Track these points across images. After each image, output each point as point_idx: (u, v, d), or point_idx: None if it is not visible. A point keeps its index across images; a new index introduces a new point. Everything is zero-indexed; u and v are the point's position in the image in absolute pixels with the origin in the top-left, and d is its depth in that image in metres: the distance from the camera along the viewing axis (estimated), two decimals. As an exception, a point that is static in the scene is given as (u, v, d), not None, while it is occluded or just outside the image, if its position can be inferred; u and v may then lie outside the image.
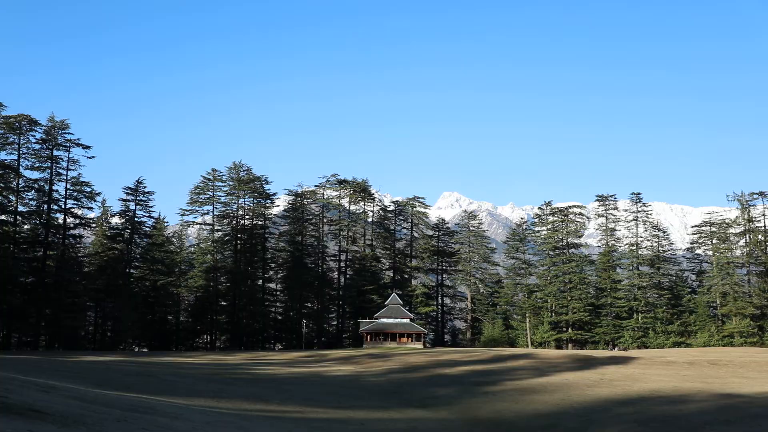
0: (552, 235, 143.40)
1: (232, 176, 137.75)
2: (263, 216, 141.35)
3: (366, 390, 46.61)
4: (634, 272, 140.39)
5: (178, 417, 24.68)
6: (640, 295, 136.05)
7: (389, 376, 58.36)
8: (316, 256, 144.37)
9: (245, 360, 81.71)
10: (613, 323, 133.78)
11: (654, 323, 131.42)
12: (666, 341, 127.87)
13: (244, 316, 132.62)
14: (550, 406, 36.55)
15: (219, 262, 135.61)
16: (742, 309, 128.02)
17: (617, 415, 32.70)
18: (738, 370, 58.41)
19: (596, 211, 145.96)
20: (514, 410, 35.39)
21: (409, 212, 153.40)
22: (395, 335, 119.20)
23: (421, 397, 41.74)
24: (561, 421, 31.63)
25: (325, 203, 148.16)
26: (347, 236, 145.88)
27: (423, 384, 50.16)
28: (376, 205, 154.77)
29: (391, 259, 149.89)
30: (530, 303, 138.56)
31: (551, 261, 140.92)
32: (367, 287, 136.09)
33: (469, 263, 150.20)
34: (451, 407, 37.07)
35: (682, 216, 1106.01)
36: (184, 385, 42.69)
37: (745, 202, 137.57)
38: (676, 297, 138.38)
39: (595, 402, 37.50)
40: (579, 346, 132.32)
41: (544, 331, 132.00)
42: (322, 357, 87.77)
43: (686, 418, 31.28)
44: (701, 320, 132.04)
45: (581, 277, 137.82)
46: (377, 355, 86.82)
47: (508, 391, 44.13)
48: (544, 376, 53.31)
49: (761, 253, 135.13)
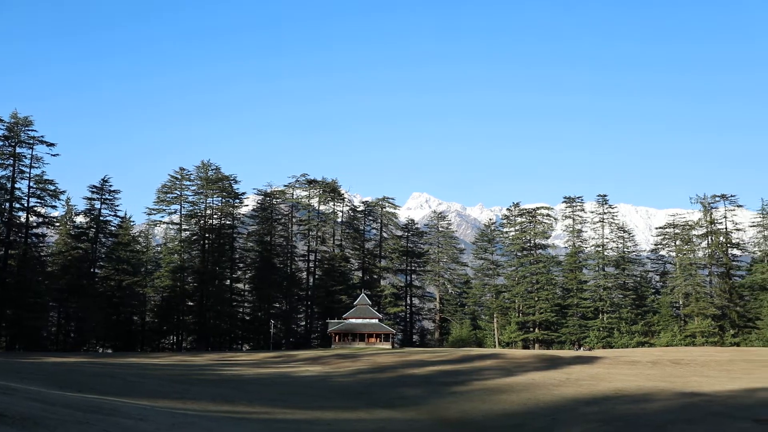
0: (520, 236, 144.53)
1: (201, 175, 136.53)
2: (232, 215, 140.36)
3: (334, 390, 46.52)
4: (599, 273, 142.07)
5: (143, 418, 24.37)
6: (606, 295, 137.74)
7: (358, 376, 58.32)
8: (284, 256, 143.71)
9: (212, 361, 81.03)
10: (579, 323, 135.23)
11: (619, 323, 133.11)
12: (630, 341, 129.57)
13: (212, 316, 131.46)
14: (518, 405, 36.83)
15: (186, 262, 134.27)
16: (704, 309, 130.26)
17: (583, 415, 33.05)
18: (699, 370, 59.46)
19: (563, 213, 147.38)
20: (482, 410, 35.58)
21: (379, 213, 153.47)
22: (364, 336, 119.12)
23: (389, 398, 41.77)
24: (528, 420, 31.88)
25: (294, 203, 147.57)
26: (316, 236, 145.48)
27: (391, 384, 50.20)
28: (345, 205, 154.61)
29: (361, 259, 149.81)
30: (498, 303, 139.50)
31: (519, 262, 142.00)
32: (335, 287, 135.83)
33: (437, 264, 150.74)
34: (419, 407, 37.15)
35: (647, 218, 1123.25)
36: (149, 386, 42.19)
37: (707, 205, 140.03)
38: (640, 297, 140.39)
39: (562, 401, 37.87)
40: (545, 346, 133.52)
41: (512, 331, 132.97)
42: (290, 357, 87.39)
43: (649, 417, 31.75)
44: (664, 320, 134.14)
45: (548, 277, 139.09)
46: (346, 355, 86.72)
47: (476, 391, 44.36)
48: (512, 376, 53.73)
49: (722, 254, 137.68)
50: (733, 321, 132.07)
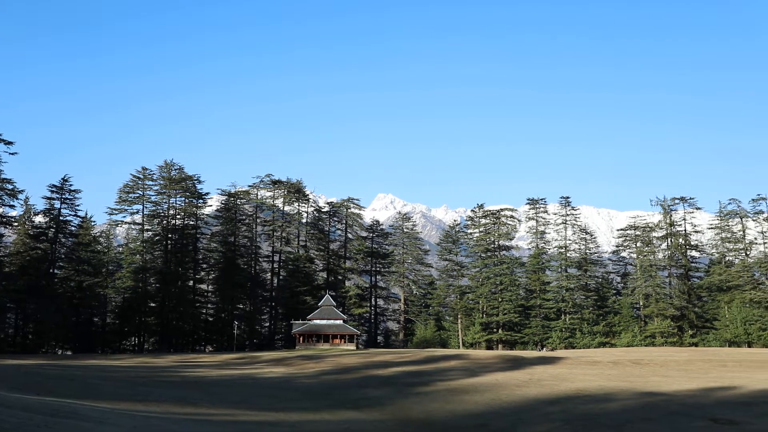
0: (484, 237, 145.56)
1: (163, 175, 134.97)
2: (195, 216, 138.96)
3: (298, 392, 46.33)
4: (562, 274, 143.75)
5: (103, 421, 24.03)
6: (568, 296, 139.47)
7: (322, 377, 58.18)
8: (248, 257, 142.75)
9: (174, 362, 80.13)
10: (542, 324, 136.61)
11: (581, 324, 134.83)
12: (592, 341, 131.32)
13: (174, 317, 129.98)
14: (481, 406, 37.08)
15: (148, 263, 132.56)
16: (664, 310, 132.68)
17: (545, 414, 33.41)
18: (659, 369, 60.55)
19: (527, 214, 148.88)
20: (446, 410, 35.74)
21: (344, 213, 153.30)
22: (328, 337, 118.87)
23: (353, 399, 41.74)
24: (491, 420, 32.11)
25: (258, 203, 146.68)
26: (281, 237, 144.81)
27: (355, 385, 50.17)
28: (310, 206, 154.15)
29: (325, 260, 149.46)
30: (462, 304, 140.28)
31: (483, 263, 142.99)
32: (300, 288, 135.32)
33: (402, 265, 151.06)
34: (383, 408, 37.18)
35: (609, 220, 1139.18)
36: (110, 388, 41.58)
37: (667, 207, 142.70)
38: (601, 298, 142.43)
39: (524, 401, 38.23)
40: (509, 346, 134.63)
41: (476, 332, 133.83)
42: (254, 359, 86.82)
43: (610, 416, 32.22)
44: (625, 321, 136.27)
45: (512, 278, 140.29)
46: (310, 356, 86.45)
47: (440, 391, 44.55)
48: (475, 376, 54.08)
49: (681, 256, 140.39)
50: (691, 321, 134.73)
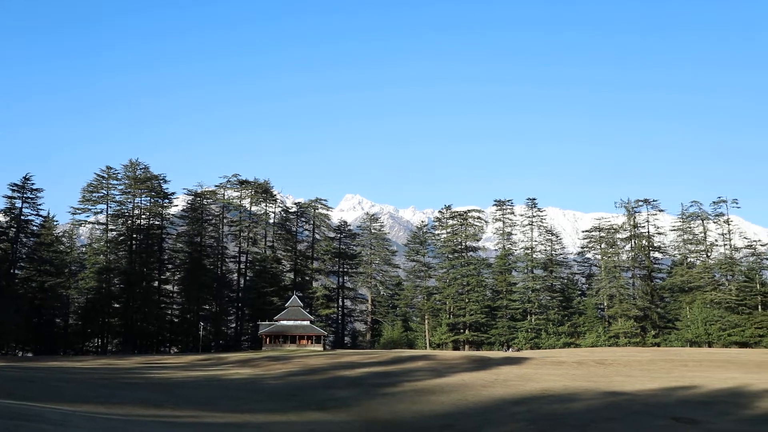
0: (451, 238, 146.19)
1: (128, 174, 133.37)
2: (161, 216, 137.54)
3: (264, 393, 46.06)
4: (528, 275, 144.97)
5: (64, 424, 23.63)
6: (534, 297, 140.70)
7: (288, 378, 57.91)
8: (215, 258, 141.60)
9: (138, 364, 79.15)
10: (508, 325, 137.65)
11: (546, 324, 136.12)
12: (557, 342, 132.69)
13: (139, 318, 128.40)
14: (447, 406, 37.21)
15: (112, 263, 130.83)
16: (627, 311, 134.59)
17: (511, 414, 33.65)
18: (622, 369, 61.37)
19: (494, 216, 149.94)
20: (412, 411, 35.81)
21: (311, 214, 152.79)
22: (295, 337, 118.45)
23: (320, 400, 41.62)
24: (457, 421, 32.24)
25: (225, 203, 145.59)
26: (248, 237, 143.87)
27: (322, 386, 50.03)
28: (278, 206, 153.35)
29: (293, 260, 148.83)
30: (429, 305, 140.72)
31: (450, 264, 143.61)
32: (267, 289, 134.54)
33: (370, 265, 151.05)
34: (350, 409, 37.13)
35: (574, 221, 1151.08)
36: (72, 390, 40.92)
37: (631, 209, 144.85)
38: (567, 299, 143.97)
39: (490, 401, 38.46)
40: (475, 347, 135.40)
41: (442, 333, 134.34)
42: (220, 360, 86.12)
43: (574, 416, 32.57)
44: (590, 321, 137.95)
45: (479, 279, 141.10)
46: (276, 357, 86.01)
47: (407, 392, 44.62)
48: (442, 377, 54.26)
49: (645, 257, 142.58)
50: (654, 322, 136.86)
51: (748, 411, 34.06)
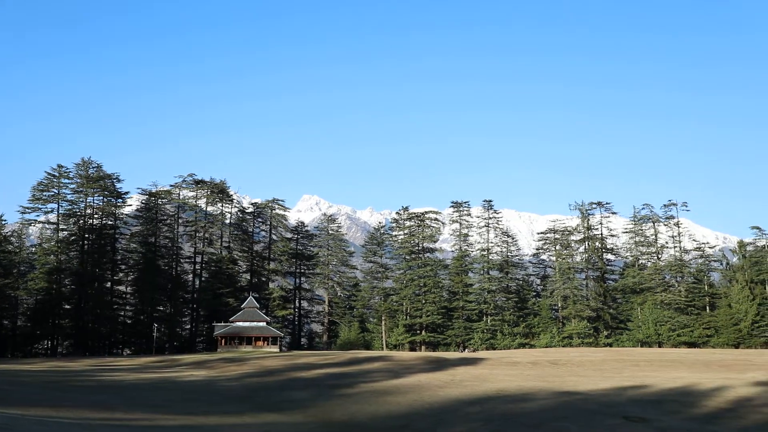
0: (408, 239, 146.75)
1: (80, 173, 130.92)
2: (114, 215, 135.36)
3: (220, 395, 45.63)
4: (484, 276, 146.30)
5: (12, 428, 23.10)
6: (490, 298, 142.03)
7: (244, 380, 57.45)
8: (170, 258, 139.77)
9: (90, 366, 77.68)
10: (464, 325, 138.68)
11: (502, 325, 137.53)
12: (512, 342, 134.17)
13: (90, 320, 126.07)
14: (403, 407, 37.34)
15: (63, 264, 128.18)
16: (581, 311, 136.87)
17: (466, 415, 33.94)
18: (575, 369, 62.39)
19: (451, 217, 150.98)
20: (369, 412, 35.86)
21: (268, 214, 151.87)
22: (251, 339, 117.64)
23: (276, 401, 41.41)
24: (413, 421, 32.39)
25: (180, 204, 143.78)
26: (203, 238, 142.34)
27: (278, 388, 49.77)
28: (234, 206, 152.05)
29: (249, 261, 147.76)
30: (386, 306, 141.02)
31: (407, 265, 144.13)
32: (223, 290, 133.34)
33: (327, 266, 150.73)
34: (306, 410, 37.03)
35: (530, 223, 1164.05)
36: (20, 393, 39.97)
37: (585, 212, 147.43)
38: (522, 300, 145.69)
39: (446, 402, 38.72)
40: (432, 348, 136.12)
41: (399, 334, 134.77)
42: (174, 362, 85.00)
43: (528, 415, 33.01)
44: (544, 322, 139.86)
45: (435, 280, 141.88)
46: (232, 359, 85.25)
47: (363, 393, 44.65)
48: (398, 377, 54.42)
49: (598, 259, 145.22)
50: (606, 322, 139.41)
51: (695, 410, 34.96)
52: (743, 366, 63.46)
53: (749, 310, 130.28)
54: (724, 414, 33.59)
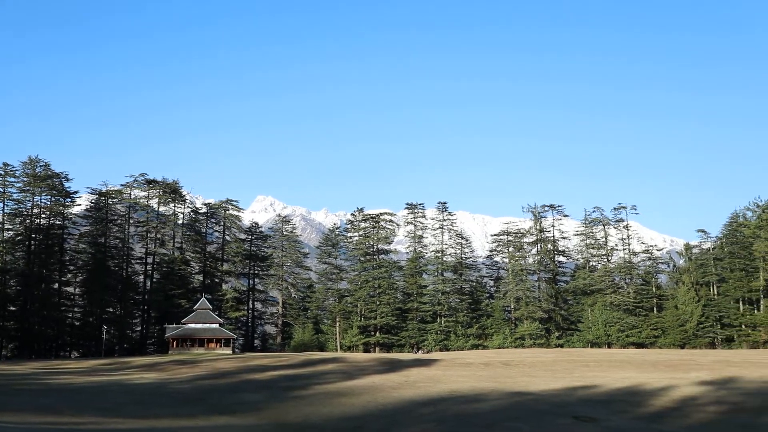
0: (363, 241, 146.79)
1: (27, 172, 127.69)
2: (62, 215, 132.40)
3: (171, 397, 45.00)
4: (438, 278, 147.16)
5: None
6: (444, 299, 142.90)
7: (196, 382, 56.76)
8: (120, 259, 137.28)
9: (36, 369, 75.86)
10: (418, 327, 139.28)
11: (455, 327, 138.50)
12: (465, 344, 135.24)
13: (37, 322, 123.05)
14: (357, 408, 37.38)
15: (9, 264, 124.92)
16: (533, 313, 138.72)
17: (419, 416, 34.14)
18: (527, 370, 63.24)
19: (406, 219, 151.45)
20: (322, 414, 35.80)
21: (222, 215, 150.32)
22: (203, 341, 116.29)
23: (228, 404, 41.02)
24: (366, 423, 32.44)
25: (131, 203, 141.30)
26: (155, 238, 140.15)
27: (231, 390, 49.31)
28: (187, 206, 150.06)
29: (202, 262, 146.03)
30: (341, 307, 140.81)
31: (362, 266, 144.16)
32: (175, 291, 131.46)
33: (281, 268, 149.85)
34: (259, 413, 36.78)
35: (483, 225, 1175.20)
36: (-37, 398, 38.83)
37: (537, 214, 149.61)
38: (475, 302, 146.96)
39: (400, 403, 38.88)
40: (386, 349, 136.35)
41: (353, 335, 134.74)
42: (124, 364, 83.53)
43: (481, 416, 33.38)
44: (497, 323, 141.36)
45: (390, 282, 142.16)
46: (184, 361, 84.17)
47: (317, 394, 44.54)
48: (352, 379, 54.44)
49: (550, 261, 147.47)
50: (558, 323, 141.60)
51: (643, 409, 35.81)
52: (688, 366, 65.14)
53: (694, 311, 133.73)
54: (670, 413, 34.48)
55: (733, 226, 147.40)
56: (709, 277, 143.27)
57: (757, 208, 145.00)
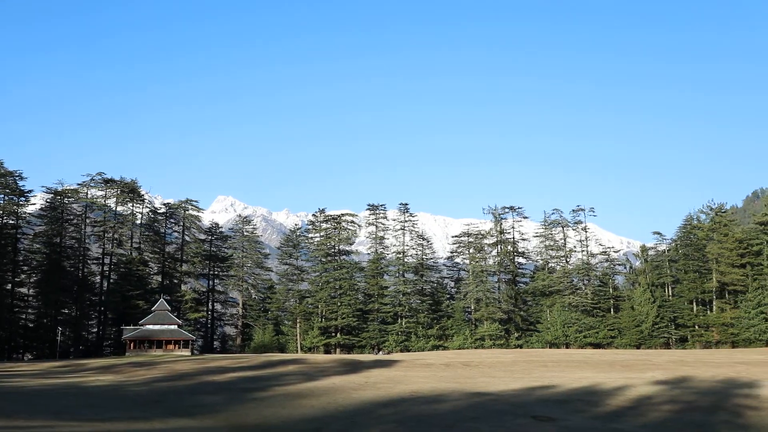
0: (325, 241, 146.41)
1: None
2: (16, 215, 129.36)
3: (128, 400, 44.30)
4: (400, 279, 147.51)
5: None
6: (405, 300, 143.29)
7: (153, 384, 55.99)
8: (76, 259, 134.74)
9: (-12, 372, 73.94)
10: (379, 328, 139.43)
11: (416, 327, 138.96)
12: (426, 344, 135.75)
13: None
14: (317, 410, 37.26)
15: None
16: (493, 314, 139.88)
17: (379, 417, 34.16)
18: (487, 371, 63.78)
19: (367, 220, 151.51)
20: (282, 415, 35.61)
21: (182, 215, 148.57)
22: (162, 342, 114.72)
23: (186, 406, 40.54)
24: (326, 424, 32.36)
25: (88, 203, 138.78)
26: (113, 238, 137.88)
27: (189, 392, 48.76)
28: (145, 206, 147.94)
29: (161, 263, 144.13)
30: (301, 308, 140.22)
31: (323, 267, 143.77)
32: (132, 292, 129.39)
33: (241, 268, 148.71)
34: (217, 415, 36.43)
35: (444, 226, 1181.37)
36: None
37: (497, 216, 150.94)
38: (436, 303, 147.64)
39: (360, 404, 38.87)
40: (347, 350, 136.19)
41: (314, 336, 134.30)
42: (80, 367, 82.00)
43: (441, 416, 33.55)
44: (457, 324, 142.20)
45: (351, 283, 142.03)
46: (141, 363, 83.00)
47: (277, 396, 44.29)
48: (313, 380, 54.26)
49: (510, 262, 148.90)
50: (517, 324, 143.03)
51: (599, 408, 36.40)
52: (644, 366, 66.41)
53: (650, 312, 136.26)
54: (626, 412, 35.10)
55: (688, 229, 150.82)
56: (664, 279, 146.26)
57: (710, 211, 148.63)
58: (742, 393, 41.21)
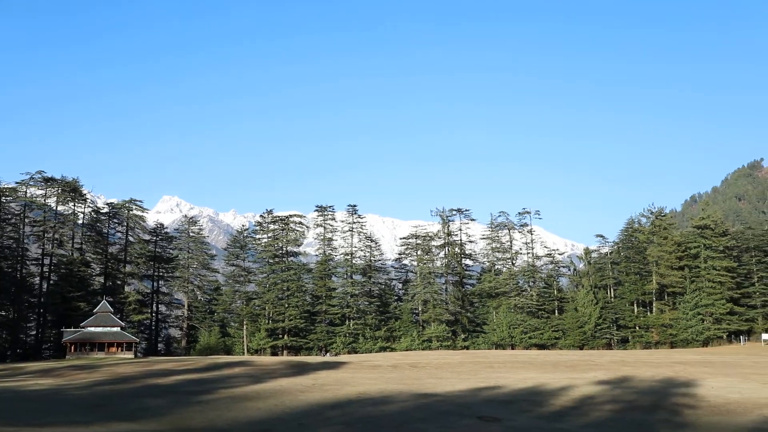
0: (272, 243, 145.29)
1: None
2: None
3: (68, 404, 43.21)
4: (348, 281, 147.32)
5: None
6: (353, 302, 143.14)
7: (95, 388, 54.75)
8: (14, 260, 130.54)
9: None
10: (327, 329, 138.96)
11: (364, 329, 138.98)
12: (374, 346, 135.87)
13: None
14: (264, 412, 37.00)
15: None
16: (440, 315, 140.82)
17: (327, 418, 34.12)
18: (434, 372, 64.22)
19: (315, 221, 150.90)
20: (228, 418, 35.25)
21: (125, 215, 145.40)
22: (104, 345, 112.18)
23: (129, 410, 39.77)
24: (273, 426, 32.18)
25: (27, 202, 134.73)
26: (53, 239, 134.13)
27: (132, 395, 47.84)
28: (87, 206, 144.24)
29: (103, 264, 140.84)
30: (248, 310, 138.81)
31: (270, 269, 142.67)
32: (73, 294, 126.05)
33: (187, 270, 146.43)
34: (161, 418, 35.84)
35: (393, 228, 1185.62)
36: None
37: (445, 218, 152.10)
38: (384, 304, 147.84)
39: (307, 406, 38.75)
40: (294, 352, 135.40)
41: (261, 338, 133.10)
42: (17, 370, 79.62)
43: (388, 417, 33.68)
44: (405, 326, 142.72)
45: (299, 284, 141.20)
46: (82, 366, 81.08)
47: (223, 399, 43.82)
48: (260, 383, 53.84)
49: (457, 264, 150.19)
50: (464, 326, 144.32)
51: (543, 408, 37.03)
52: (587, 366, 67.78)
53: (593, 313, 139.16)
54: (570, 412, 35.80)
55: (629, 232, 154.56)
56: (606, 281, 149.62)
57: (650, 215, 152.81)
58: (680, 392, 42.50)
